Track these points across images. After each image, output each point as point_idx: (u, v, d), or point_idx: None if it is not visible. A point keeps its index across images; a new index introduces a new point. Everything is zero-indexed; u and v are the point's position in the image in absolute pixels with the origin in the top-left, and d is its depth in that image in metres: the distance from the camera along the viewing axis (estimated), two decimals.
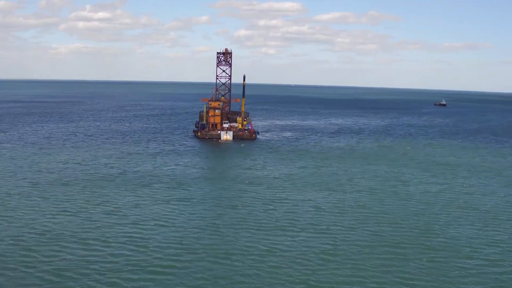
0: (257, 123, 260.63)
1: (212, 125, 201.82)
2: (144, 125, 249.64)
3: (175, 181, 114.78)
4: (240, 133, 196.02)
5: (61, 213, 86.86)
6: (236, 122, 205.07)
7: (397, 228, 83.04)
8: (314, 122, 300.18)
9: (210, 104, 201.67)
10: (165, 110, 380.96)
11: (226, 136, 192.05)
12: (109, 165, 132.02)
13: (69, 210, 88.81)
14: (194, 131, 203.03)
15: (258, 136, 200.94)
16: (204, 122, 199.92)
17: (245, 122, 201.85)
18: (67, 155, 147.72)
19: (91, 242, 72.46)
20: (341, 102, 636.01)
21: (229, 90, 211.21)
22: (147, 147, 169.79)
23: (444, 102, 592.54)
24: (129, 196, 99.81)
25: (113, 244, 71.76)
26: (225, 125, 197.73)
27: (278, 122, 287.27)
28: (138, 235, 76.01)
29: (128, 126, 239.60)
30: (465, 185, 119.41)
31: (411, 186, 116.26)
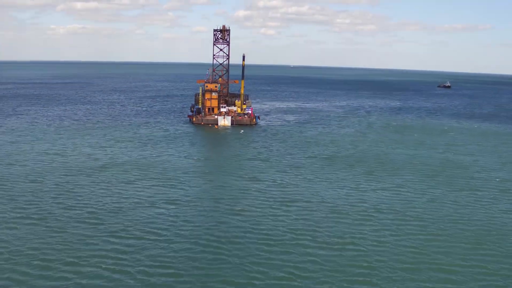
0: (257, 107, 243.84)
1: (209, 109, 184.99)
2: (137, 108, 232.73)
3: (164, 177, 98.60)
4: (239, 118, 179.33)
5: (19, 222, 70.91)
6: (234, 106, 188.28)
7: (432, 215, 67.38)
8: (318, 104, 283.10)
9: (207, 86, 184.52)
10: (160, 91, 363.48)
11: (224, 121, 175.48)
12: (93, 156, 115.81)
13: (32, 216, 72.84)
14: (189, 116, 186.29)
15: (258, 121, 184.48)
16: (200, 106, 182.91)
17: (244, 106, 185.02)
18: (48, 143, 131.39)
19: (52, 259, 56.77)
20: (345, 84, 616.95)
21: (227, 70, 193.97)
22: (137, 134, 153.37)
23: (448, 84, 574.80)
24: (109, 196, 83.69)
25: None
26: (223, 110, 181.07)
27: (279, 105, 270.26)
28: (115, 248, 60.30)
29: (120, 110, 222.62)
30: (497, 179, 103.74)
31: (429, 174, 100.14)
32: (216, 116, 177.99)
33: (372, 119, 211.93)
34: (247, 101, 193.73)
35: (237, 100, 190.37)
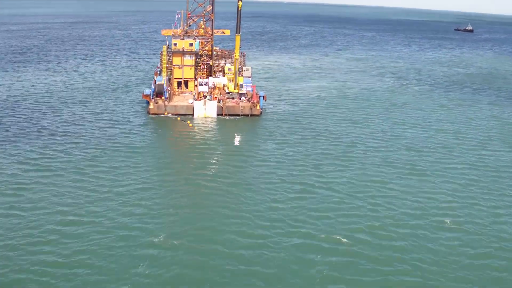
0: (256, 72, 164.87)
1: (179, 84, 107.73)
2: (64, 78, 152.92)
3: None
4: (233, 103, 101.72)
5: None
6: (221, 76, 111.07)
7: None
8: (340, 59, 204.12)
9: (175, 45, 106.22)
10: (111, 47, 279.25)
11: (205, 111, 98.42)
12: None
13: None
14: (144, 96, 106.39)
15: (264, 106, 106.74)
16: (163, 81, 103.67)
17: (240, 80, 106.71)
18: None
19: None
20: (356, 24, 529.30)
21: (212, 12, 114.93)
22: (45, 146, 76.93)
23: (470, 28, 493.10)
24: None
25: None
26: (202, 88, 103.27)
27: (287, 62, 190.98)
28: None
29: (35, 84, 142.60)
30: None
31: None
32: (191, 101, 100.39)
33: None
34: (244, 68, 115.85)
35: (227, 67, 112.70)
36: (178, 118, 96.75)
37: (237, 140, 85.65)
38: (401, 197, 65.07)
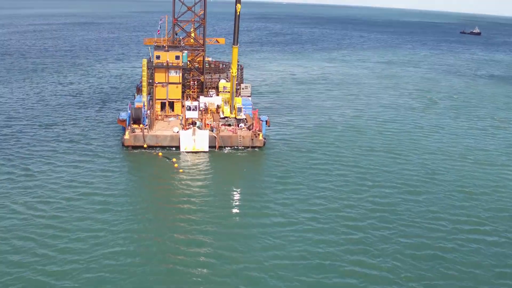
0: (259, 87, 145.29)
1: (162, 106, 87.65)
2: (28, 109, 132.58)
3: None
4: (229, 130, 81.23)
5: None
6: (214, 95, 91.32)
7: None
8: (358, 70, 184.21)
9: (158, 58, 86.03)
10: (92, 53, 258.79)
11: (194, 142, 77.86)
12: None
13: None
14: (119, 121, 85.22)
15: (267, 134, 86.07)
16: (142, 103, 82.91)
17: (238, 101, 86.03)
18: None
19: None
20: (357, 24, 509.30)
21: (203, 17, 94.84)
22: None
23: (478, 30, 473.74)
24: None
25: None
26: (191, 114, 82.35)
27: (296, 70, 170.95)
28: None
29: None
30: None
31: None
32: (176, 130, 79.78)
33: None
34: (242, 85, 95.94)
35: (222, 84, 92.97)
36: (160, 154, 76.27)
37: (234, 188, 65.37)
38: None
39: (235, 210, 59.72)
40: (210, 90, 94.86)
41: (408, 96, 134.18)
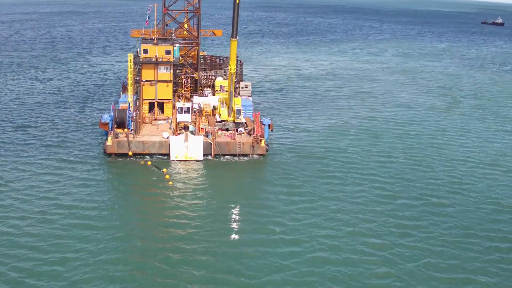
0: (261, 84, 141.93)
1: (151, 108, 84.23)
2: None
3: None
4: (227, 136, 77.66)
5: None
6: (209, 94, 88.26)
7: None
8: (369, 64, 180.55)
9: (145, 52, 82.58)
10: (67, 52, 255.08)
11: (187, 150, 74.17)
12: None
13: None
14: (101, 125, 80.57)
15: (269, 139, 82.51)
16: (129, 105, 79.19)
17: (237, 102, 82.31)
18: None
19: None
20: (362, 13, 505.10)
21: (198, 6, 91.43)
22: None
23: (501, 21, 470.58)
24: None
25: None
26: (183, 117, 78.39)
27: (301, 65, 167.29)
28: None
29: None
30: None
31: None
32: (166, 135, 76.12)
33: None
34: (242, 84, 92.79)
35: (219, 81, 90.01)
36: (149, 163, 72.96)
37: (233, 203, 61.83)
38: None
39: (234, 228, 56.74)
40: (205, 89, 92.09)
41: (427, 94, 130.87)
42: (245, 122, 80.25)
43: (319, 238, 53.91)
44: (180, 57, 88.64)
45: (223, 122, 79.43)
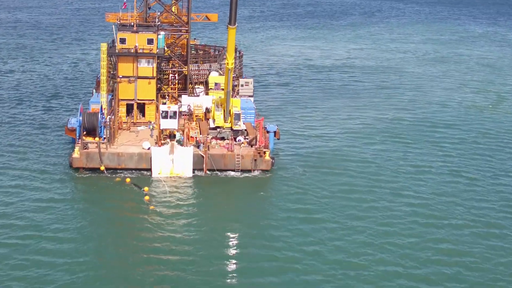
0: (264, 78, 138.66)
1: (129, 110, 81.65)
2: None
3: None
4: (223, 147, 74.65)
5: None
6: (205, 93, 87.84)
7: None
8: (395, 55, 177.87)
9: (123, 42, 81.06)
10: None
11: (172, 164, 70.70)
12: None
13: None
14: (68, 131, 77.69)
15: (275, 149, 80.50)
16: (100, 108, 76.11)
17: (235, 104, 79.42)
18: None
19: None
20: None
21: None
22: None
23: None
24: None
25: None
26: (168, 123, 73.84)
27: (312, 54, 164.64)
28: None
29: None
30: None
31: None
32: (147, 146, 72.51)
33: None
34: (242, 81, 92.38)
35: (213, 77, 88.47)
36: (128, 180, 69.25)
37: (229, 231, 57.95)
38: None
39: (231, 261, 53.25)
40: (196, 86, 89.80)
41: (465, 90, 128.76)
42: (246, 130, 77.67)
43: (349, 280, 49.61)
44: (166, 48, 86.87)
45: (218, 130, 76.81)
